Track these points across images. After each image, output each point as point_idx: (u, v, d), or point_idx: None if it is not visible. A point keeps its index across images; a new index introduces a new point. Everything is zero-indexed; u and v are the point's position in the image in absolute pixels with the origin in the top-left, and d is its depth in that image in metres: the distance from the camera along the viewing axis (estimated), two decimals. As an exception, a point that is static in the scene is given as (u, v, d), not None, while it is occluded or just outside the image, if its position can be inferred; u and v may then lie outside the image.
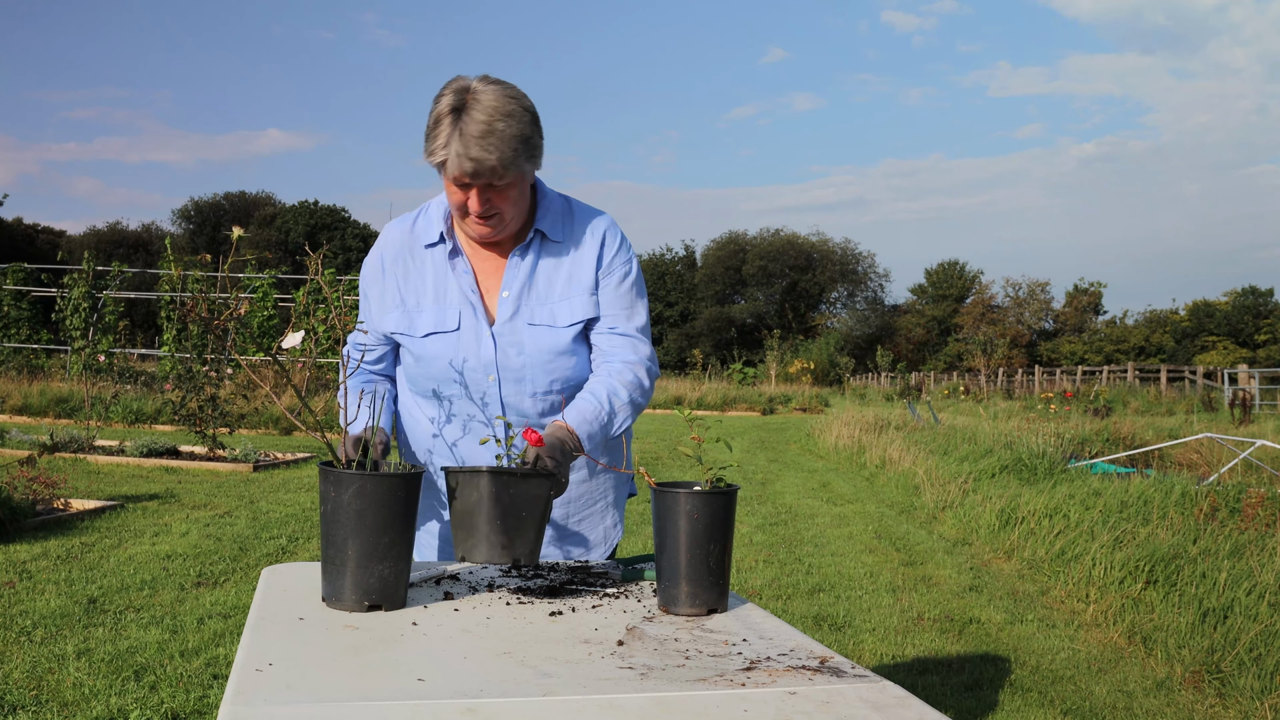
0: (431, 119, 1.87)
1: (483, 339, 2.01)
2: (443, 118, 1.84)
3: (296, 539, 6.58)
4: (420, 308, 2.04)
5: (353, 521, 1.60)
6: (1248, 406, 16.99)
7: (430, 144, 1.86)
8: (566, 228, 2.08)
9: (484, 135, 1.82)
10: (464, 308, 2.02)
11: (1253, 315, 61.44)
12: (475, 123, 1.82)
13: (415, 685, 1.28)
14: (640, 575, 2.00)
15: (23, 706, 3.46)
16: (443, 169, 1.88)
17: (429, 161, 1.88)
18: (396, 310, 2.05)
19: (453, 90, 1.86)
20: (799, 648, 1.54)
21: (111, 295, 19.94)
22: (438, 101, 1.87)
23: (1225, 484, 7.18)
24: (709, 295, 61.99)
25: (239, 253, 1.76)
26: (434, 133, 1.86)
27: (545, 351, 2.02)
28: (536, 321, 2.01)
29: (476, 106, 1.83)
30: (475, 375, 2.02)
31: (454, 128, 1.83)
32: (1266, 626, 4.20)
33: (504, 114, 1.84)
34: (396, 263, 2.06)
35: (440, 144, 1.84)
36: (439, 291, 2.03)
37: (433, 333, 2.02)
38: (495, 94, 1.86)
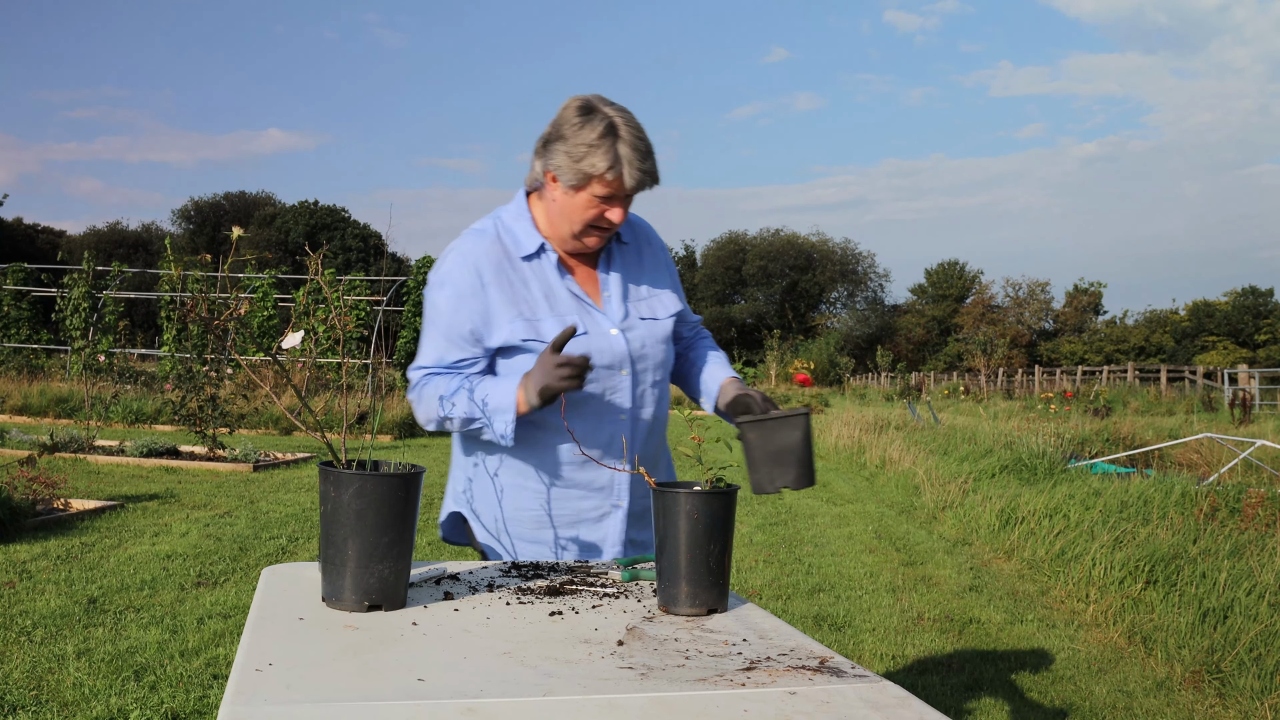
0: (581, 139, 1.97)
1: (612, 337, 2.10)
2: (601, 136, 1.96)
3: (296, 539, 6.58)
4: (539, 317, 2.07)
5: (353, 521, 1.60)
6: (1248, 406, 16.99)
7: (591, 160, 1.96)
8: (630, 232, 2.23)
9: (648, 151, 1.99)
10: (580, 313, 2.10)
11: (1253, 315, 61.43)
12: (637, 139, 1.98)
13: (415, 685, 1.28)
14: (640, 575, 2.00)
15: (23, 706, 3.46)
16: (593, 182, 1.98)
17: (582, 174, 1.97)
18: (516, 322, 2.06)
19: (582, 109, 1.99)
20: (799, 648, 1.54)
21: (111, 295, 19.95)
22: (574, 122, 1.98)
23: (1225, 484, 7.18)
24: (709, 295, 62.01)
25: (239, 253, 1.76)
26: (594, 151, 1.95)
27: (658, 343, 2.16)
28: (645, 315, 2.15)
29: (625, 125, 1.98)
30: (608, 373, 2.10)
31: (615, 144, 1.96)
32: (1266, 626, 4.20)
33: (644, 131, 2.01)
34: (499, 276, 2.08)
35: (606, 159, 1.95)
36: (550, 301, 2.09)
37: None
38: (627, 114, 2.01)
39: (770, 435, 1.97)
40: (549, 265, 2.10)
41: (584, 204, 2.01)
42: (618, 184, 1.98)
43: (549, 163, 2.02)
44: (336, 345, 5.75)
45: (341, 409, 1.71)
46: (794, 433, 1.97)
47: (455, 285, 2.08)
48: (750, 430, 1.98)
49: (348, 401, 9.79)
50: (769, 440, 1.97)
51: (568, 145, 1.98)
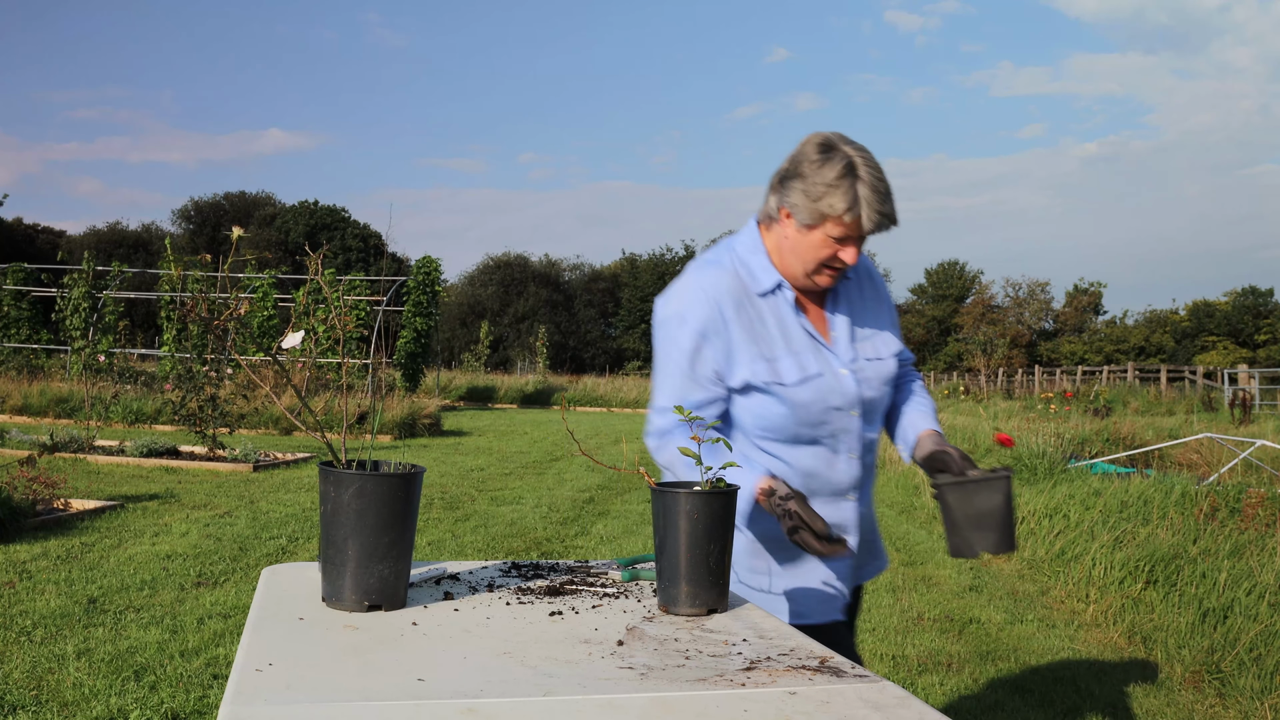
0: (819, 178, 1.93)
1: (843, 378, 2.07)
2: (840, 176, 1.91)
3: (296, 539, 6.58)
4: (777, 356, 2.03)
5: (353, 521, 1.60)
6: (1248, 406, 16.99)
7: (829, 200, 1.92)
8: (854, 268, 2.18)
9: (887, 193, 1.94)
10: (814, 353, 2.06)
11: (1253, 315, 61.43)
12: (876, 180, 1.93)
13: (415, 685, 1.28)
14: (640, 575, 2.00)
15: (23, 706, 3.46)
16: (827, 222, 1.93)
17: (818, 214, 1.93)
18: (757, 362, 2.01)
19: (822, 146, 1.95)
20: (799, 648, 1.54)
21: (111, 295, 19.95)
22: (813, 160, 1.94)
23: (1225, 484, 7.18)
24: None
25: (239, 253, 1.77)
26: (832, 190, 1.91)
27: (883, 382, 2.13)
28: (869, 356, 2.11)
29: (865, 165, 1.93)
30: (840, 414, 2.07)
31: (855, 184, 1.91)
32: (1266, 626, 4.20)
33: (883, 172, 1.95)
34: (739, 312, 2.03)
35: (844, 200, 1.91)
36: (786, 339, 2.04)
37: (805, 379, 2.03)
38: (867, 153, 1.96)
39: (970, 498, 1.92)
40: (785, 303, 2.05)
41: (818, 243, 1.97)
42: (855, 225, 1.93)
43: (785, 199, 1.99)
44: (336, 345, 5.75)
45: (341, 409, 1.71)
46: (995, 496, 1.92)
47: (697, 321, 2.00)
48: (950, 492, 1.94)
49: (348, 401, 9.81)
50: (968, 503, 1.93)
51: (805, 184, 1.94)
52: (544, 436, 15.46)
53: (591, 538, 7.02)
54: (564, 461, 11.92)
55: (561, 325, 56.99)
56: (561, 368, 47.58)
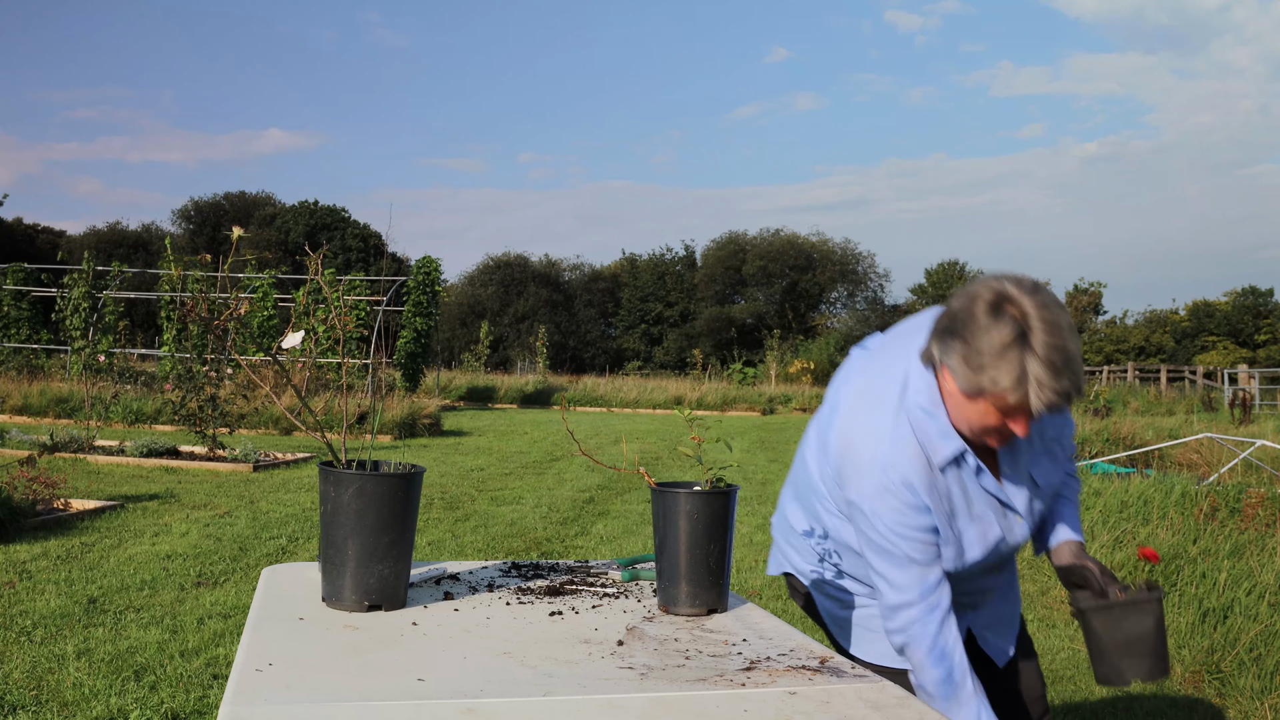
0: (981, 345, 1.65)
1: (1016, 527, 1.94)
2: (1005, 348, 1.63)
3: (296, 539, 6.58)
4: (960, 531, 1.89)
5: (353, 521, 1.60)
6: (1248, 406, 16.99)
7: (991, 375, 1.64)
8: None
9: (1065, 363, 1.63)
10: (996, 514, 1.91)
11: (1253, 315, 61.43)
12: (1052, 349, 1.62)
13: (415, 685, 1.28)
14: (640, 575, 2.00)
15: (23, 706, 3.46)
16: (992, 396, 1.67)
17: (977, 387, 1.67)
18: (947, 546, 1.87)
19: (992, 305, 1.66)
20: (799, 648, 1.54)
21: (111, 295, 19.94)
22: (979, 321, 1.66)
23: (1225, 484, 7.18)
24: (709, 295, 62.01)
25: (239, 253, 1.77)
26: (996, 363, 1.63)
27: (1046, 501, 2.00)
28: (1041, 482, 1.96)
29: (1040, 330, 1.62)
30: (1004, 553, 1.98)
31: (1024, 356, 1.62)
32: (1266, 626, 4.20)
33: (1068, 329, 1.64)
34: (930, 489, 1.82)
35: (1009, 375, 1.63)
36: (969, 507, 1.88)
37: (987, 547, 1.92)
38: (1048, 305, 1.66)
39: (1118, 622, 1.81)
40: (968, 472, 1.85)
41: (982, 412, 1.72)
42: (1020, 403, 1.65)
43: (945, 358, 1.71)
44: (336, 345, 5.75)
45: (341, 409, 1.71)
46: (1145, 619, 1.80)
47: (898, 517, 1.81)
48: (1094, 616, 1.82)
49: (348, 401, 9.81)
50: (1117, 628, 1.81)
51: (967, 349, 1.66)
52: (544, 436, 15.46)
53: (591, 538, 7.02)
54: (564, 461, 11.92)
55: (561, 325, 56.97)
56: (561, 368, 47.57)
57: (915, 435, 1.81)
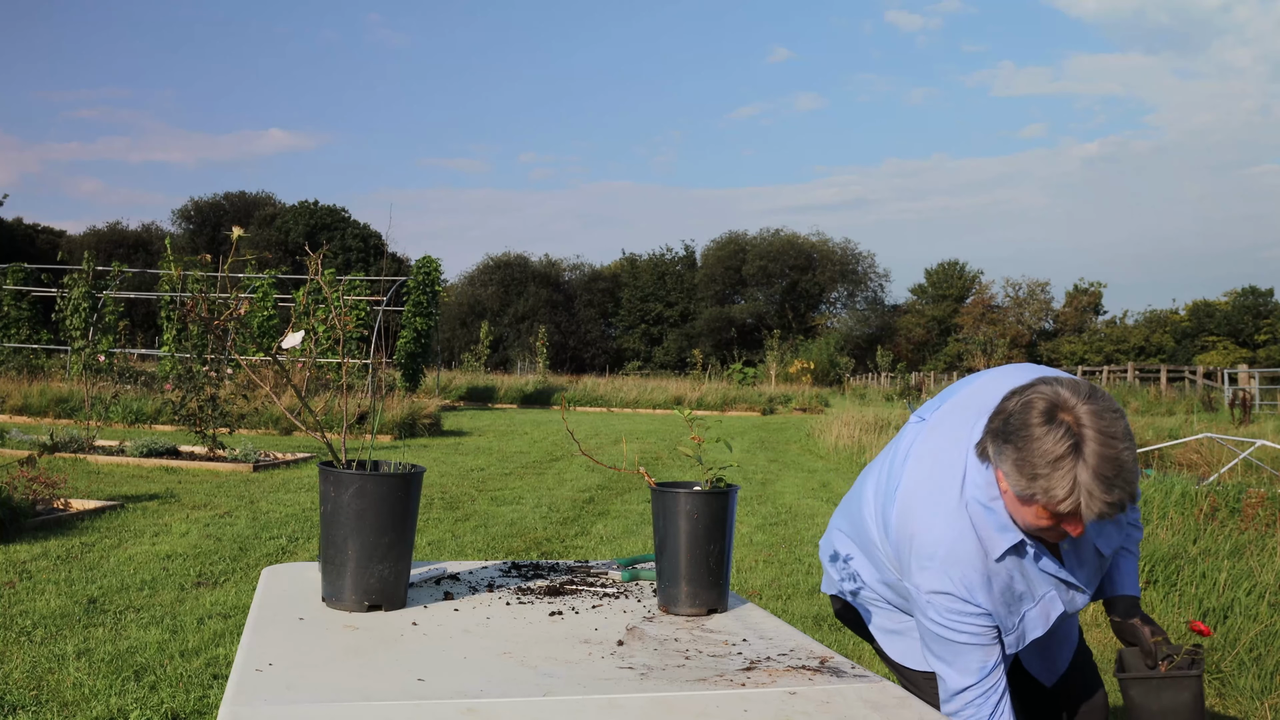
0: (1034, 454, 1.64)
1: (1077, 599, 1.94)
2: (1059, 460, 1.62)
3: (296, 539, 6.58)
4: (1024, 616, 1.89)
5: (353, 521, 1.60)
6: (1248, 406, 16.99)
7: (1043, 484, 1.63)
8: None
9: (1117, 474, 1.62)
10: (1059, 592, 1.91)
11: (1253, 315, 61.42)
12: (1104, 460, 1.61)
13: (415, 685, 1.28)
14: (640, 575, 2.00)
15: (23, 706, 3.46)
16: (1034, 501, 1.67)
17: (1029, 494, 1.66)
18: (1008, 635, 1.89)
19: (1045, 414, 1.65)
20: (799, 648, 1.54)
21: (111, 295, 19.94)
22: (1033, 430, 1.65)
23: (1225, 484, 7.18)
24: (709, 295, 62.02)
25: (239, 253, 1.76)
26: (1049, 473, 1.63)
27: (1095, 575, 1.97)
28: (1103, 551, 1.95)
29: (1094, 440, 1.62)
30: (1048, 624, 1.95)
31: (1076, 466, 1.61)
32: (1266, 626, 4.20)
33: (1121, 436, 1.64)
34: (988, 590, 1.84)
35: (1062, 486, 1.62)
36: (1030, 590, 1.88)
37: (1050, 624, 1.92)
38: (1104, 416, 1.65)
39: (1155, 693, 1.82)
40: (1029, 560, 1.85)
41: (1035, 514, 1.70)
42: (1072, 511, 1.64)
43: (999, 461, 1.71)
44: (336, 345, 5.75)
45: (341, 409, 1.71)
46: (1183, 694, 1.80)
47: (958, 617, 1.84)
48: (1133, 687, 1.85)
49: (348, 401, 9.80)
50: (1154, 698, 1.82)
51: (1019, 455, 1.65)
52: (544, 436, 15.46)
53: (591, 538, 7.02)
54: (564, 461, 11.92)
55: (561, 325, 56.96)
56: (561, 368, 47.57)
57: (975, 530, 1.81)
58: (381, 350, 21.46)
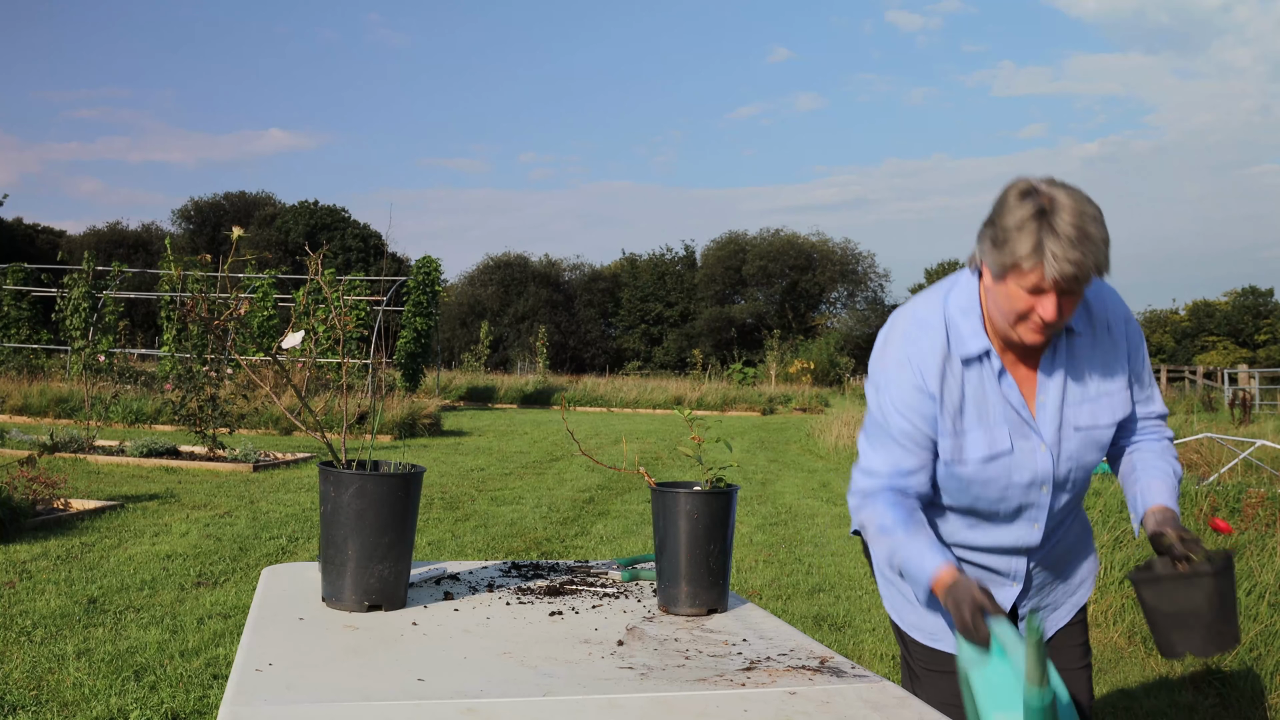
0: (1006, 221, 1.77)
1: (1038, 454, 1.93)
2: (1025, 221, 1.75)
3: (296, 539, 6.58)
4: (965, 430, 1.92)
5: (353, 521, 1.60)
6: (1248, 406, 16.99)
7: (1011, 246, 1.76)
8: (1085, 317, 1.99)
9: (1081, 239, 1.74)
10: (1011, 426, 1.92)
11: (1253, 315, 61.43)
12: (1070, 225, 1.73)
13: (415, 685, 1.28)
14: (640, 575, 2.00)
15: (23, 706, 3.46)
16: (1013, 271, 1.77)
17: (1000, 263, 1.78)
18: (946, 438, 1.92)
19: (1029, 192, 1.78)
20: (799, 648, 1.54)
21: (111, 295, 19.95)
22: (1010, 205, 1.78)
23: (1225, 484, 7.18)
24: (709, 295, 62.02)
25: (239, 253, 1.77)
26: (1016, 235, 1.75)
27: (1090, 451, 1.97)
28: (1081, 425, 1.95)
29: (1064, 210, 1.75)
30: (1027, 489, 1.95)
31: (1041, 230, 1.74)
32: (1266, 626, 4.20)
33: (1092, 217, 1.76)
34: (942, 381, 1.91)
35: (1027, 247, 1.74)
36: (981, 410, 1.92)
37: (993, 457, 1.92)
38: (1078, 196, 1.78)
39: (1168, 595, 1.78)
40: (989, 372, 1.91)
41: (1011, 295, 1.80)
42: (1038, 275, 1.75)
43: (979, 246, 1.85)
44: (336, 345, 5.75)
45: (341, 409, 1.71)
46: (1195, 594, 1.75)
47: (901, 393, 1.91)
48: (1144, 588, 1.80)
49: (348, 401, 9.78)
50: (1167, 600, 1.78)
51: (994, 229, 1.80)
52: (544, 436, 15.46)
53: (591, 538, 7.02)
54: (564, 461, 11.92)
55: (561, 325, 56.97)
56: (561, 368, 47.57)
57: (947, 327, 1.91)
58: (381, 350, 21.46)
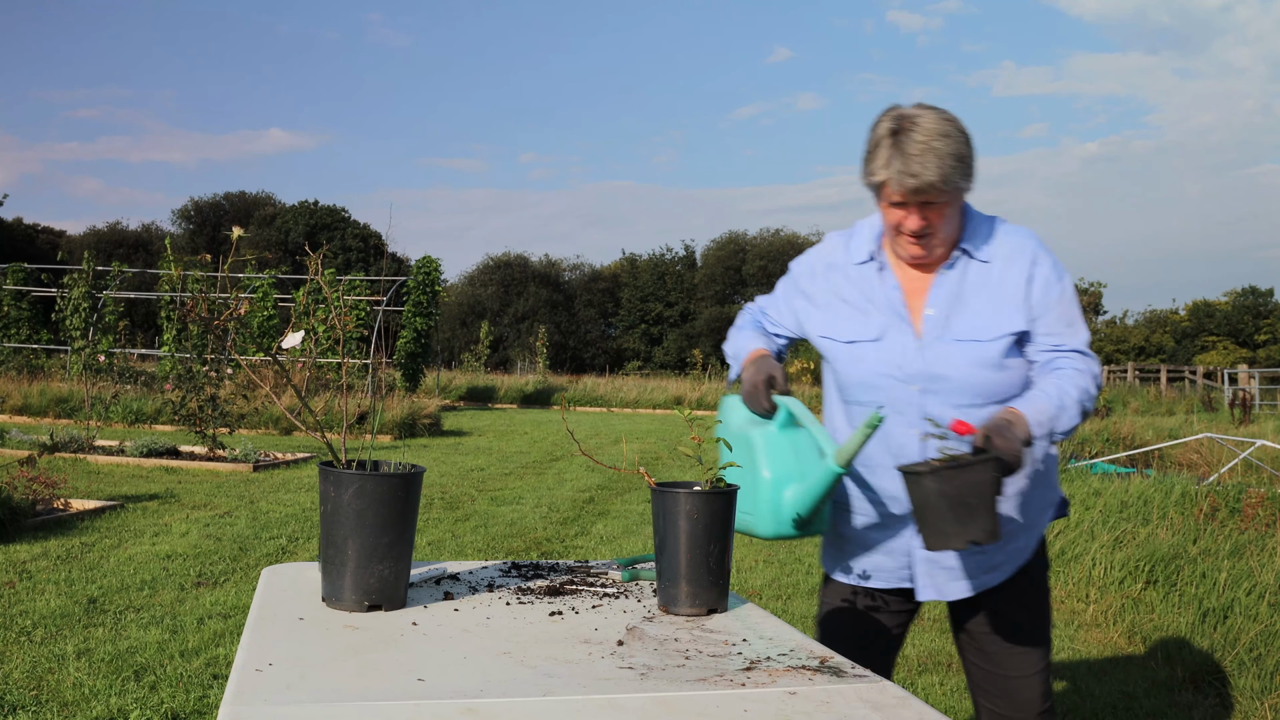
0: (869, 143, 2.00)
1: (909, 351, 2.05)
2: (881, 140, 1.96)
3: (296, 539, 6.58)
4: (844, 315, 2.13)
5: (353, 521, 1.60)
6: (1248, 406, 16.99)
7: (869, 164, 1.98)
8: (992, 247, 2.09)
9: (924, 153, 1.91)
10: (890, 320, 2.08)
11: (1253, 315, 61.42)
12: (915, 143, 1.92)
13: (415, 685, 1.28)
14: (640, 575, 2.00)
15: (23, 706, 3.46)
16: (881, 189, 1.99)
17: (867, 182, 2.01)
18: (822, 312, 2.17)
19: (891, 116, 1.98)
20: (799, 648, 1.54)
21: (111, 295, 19.94)
22: (875, 127, 2.00)
23: (1225, 484, 7.18)
24: (709, 295, 62.01)
25: (239, 253, 1.77)
26: (873, 154, 1.98)
27: (971, 365, 2.03)
28: (963, 336, 2.04)
29: (915, 129, 1.93)
30: (899, 385, 2.06)
31: (894, 148, 1.94)
32: (1266, 626, 4.20)
33: (940, 134, 1.93)
34: (832, 270, 2.17)
35: (880, 164, 1.95)
36: (863, 303, 2.12)
37: (855, 340, 2.10)
38: (932, 117, 1.96)
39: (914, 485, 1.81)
40: (872, 271, 2.12)
41: (884, 211, 2.03)
42: (889, 188, 1.97)
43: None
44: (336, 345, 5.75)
45: (341, 409, 1.71)
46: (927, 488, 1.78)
47: (792, 274, 2.26)
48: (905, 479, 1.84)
49: (348, 401, 9.74)
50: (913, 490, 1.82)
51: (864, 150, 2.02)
52: (544, 436, 15.46)
53: (591, 538, 7.02)
54: (564, 461, 11.93)
55: (561, 325, 56.96)
56: (561, 368, 47.57)
57: (848, 239, 2.19)
58: (381, 350, 21.46)
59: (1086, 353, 2.06)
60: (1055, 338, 2.05)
